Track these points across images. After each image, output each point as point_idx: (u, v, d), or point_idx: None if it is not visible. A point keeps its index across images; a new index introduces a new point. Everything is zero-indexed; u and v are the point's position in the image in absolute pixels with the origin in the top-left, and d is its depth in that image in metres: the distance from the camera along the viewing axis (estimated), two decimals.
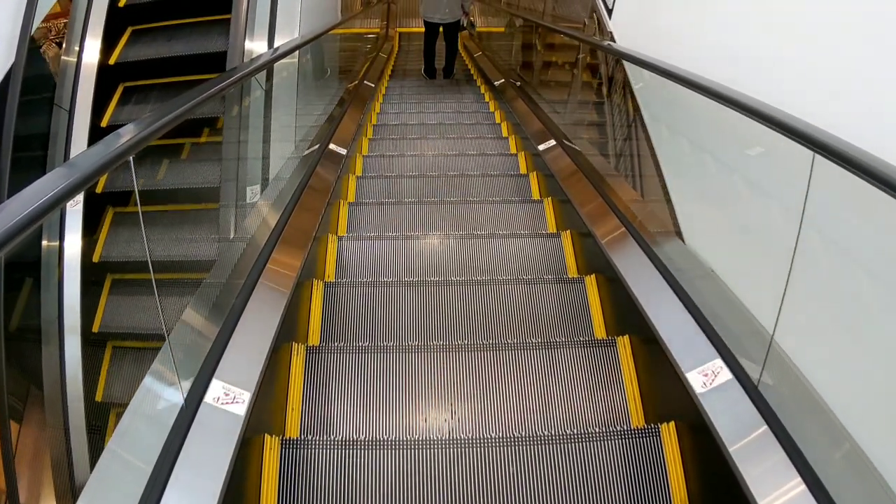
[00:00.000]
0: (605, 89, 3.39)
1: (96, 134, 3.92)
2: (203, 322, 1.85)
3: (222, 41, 3.96)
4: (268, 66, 2.72)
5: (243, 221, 3.12)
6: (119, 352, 3.75)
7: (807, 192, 1.37)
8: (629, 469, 1.70)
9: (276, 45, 3.57)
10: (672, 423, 1.74)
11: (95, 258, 3.96)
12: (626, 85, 3.00)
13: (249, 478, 1.55)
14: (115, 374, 3.67)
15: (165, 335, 1.48)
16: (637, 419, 1.95)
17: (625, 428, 1.80)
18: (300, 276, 2.30)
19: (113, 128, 1.31)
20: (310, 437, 1.76)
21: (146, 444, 1.34)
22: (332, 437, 1.75)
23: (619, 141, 3.06)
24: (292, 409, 1.96)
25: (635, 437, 1.74)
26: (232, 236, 3.11)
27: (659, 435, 1.74)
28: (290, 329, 2.10)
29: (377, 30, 9.44)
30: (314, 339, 2.33)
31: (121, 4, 4.36)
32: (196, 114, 1.74)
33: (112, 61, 4.25)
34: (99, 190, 3.99)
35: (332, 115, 4.01)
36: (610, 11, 3.04)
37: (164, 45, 4.18)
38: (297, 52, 3.40)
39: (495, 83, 5.77)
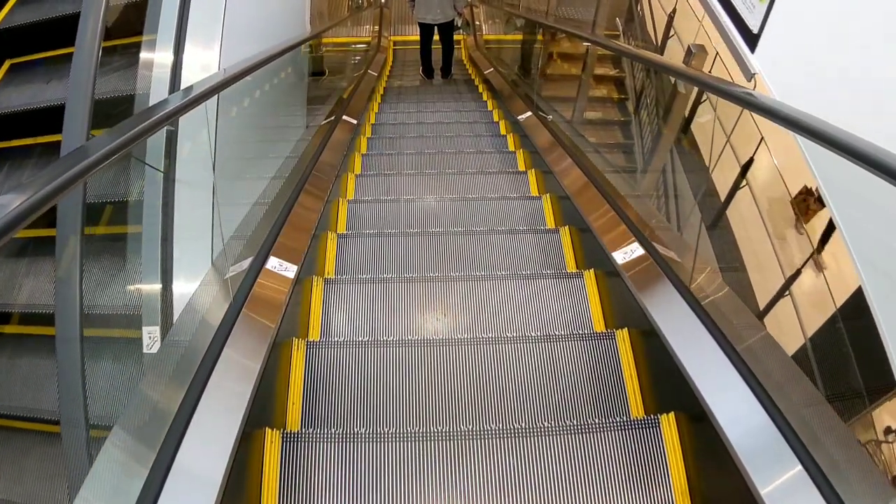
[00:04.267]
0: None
1: None
2: None
3: (126, 79, 2.66)
4: (134, 143, 1.38)
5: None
6: None
7: None
8: None
9: (185, 83, 2.27)
10: None
11: None
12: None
13: None
14: None
15: None
16: None
17: None
18: None
19: None
20: None
21: None
22: None
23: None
24: None
25: None
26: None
27: None
28: None
29: (367, 39, 8.08)
30: None
31: None
32: None
33: None
34: None
35: (280, 196, 2.62)
36: (753, 39, 1.72)
37: (42, 88, 2.86)
38: (217, 99, 2.09)
39: (519, 118, 4.35)
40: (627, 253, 2.13)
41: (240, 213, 2.30)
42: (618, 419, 1.74)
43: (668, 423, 1.71)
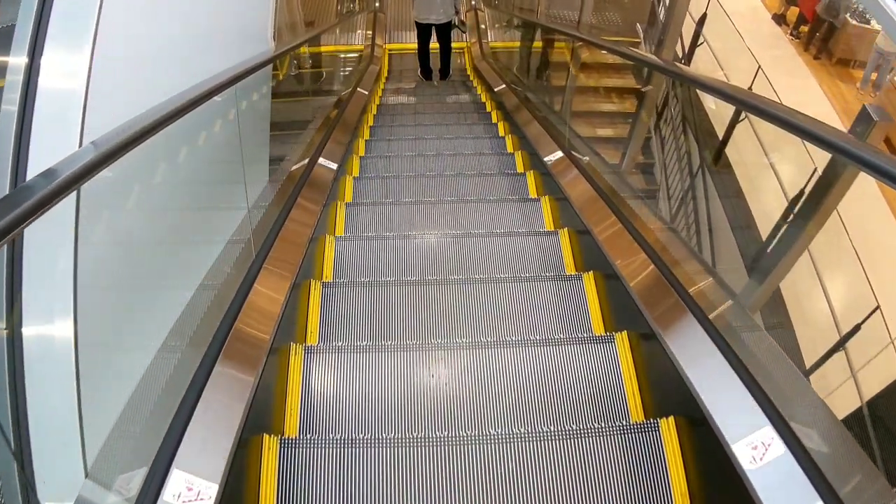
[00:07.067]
0: None
1: None
2: None
3: None
4: None
5: None
6: None
7: None
8: None
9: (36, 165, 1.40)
10: None
11: None
12: None
13: None
14: None
15: None
16: None
17: None
18: None
19: None
20: None
21: None
22: None
23: None
24: None
25: None
26: None
27: None
28: None
29: (359, 48, 7.18)
30: None
31: None
32: None
33: None
34: None
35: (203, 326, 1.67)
36: None
37: None
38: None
39: (545, 159, 3.40)
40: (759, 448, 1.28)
41: (126, 383, 1.44)
42: (617, 423, 1.71)
43: (668, 428, 1.69)
